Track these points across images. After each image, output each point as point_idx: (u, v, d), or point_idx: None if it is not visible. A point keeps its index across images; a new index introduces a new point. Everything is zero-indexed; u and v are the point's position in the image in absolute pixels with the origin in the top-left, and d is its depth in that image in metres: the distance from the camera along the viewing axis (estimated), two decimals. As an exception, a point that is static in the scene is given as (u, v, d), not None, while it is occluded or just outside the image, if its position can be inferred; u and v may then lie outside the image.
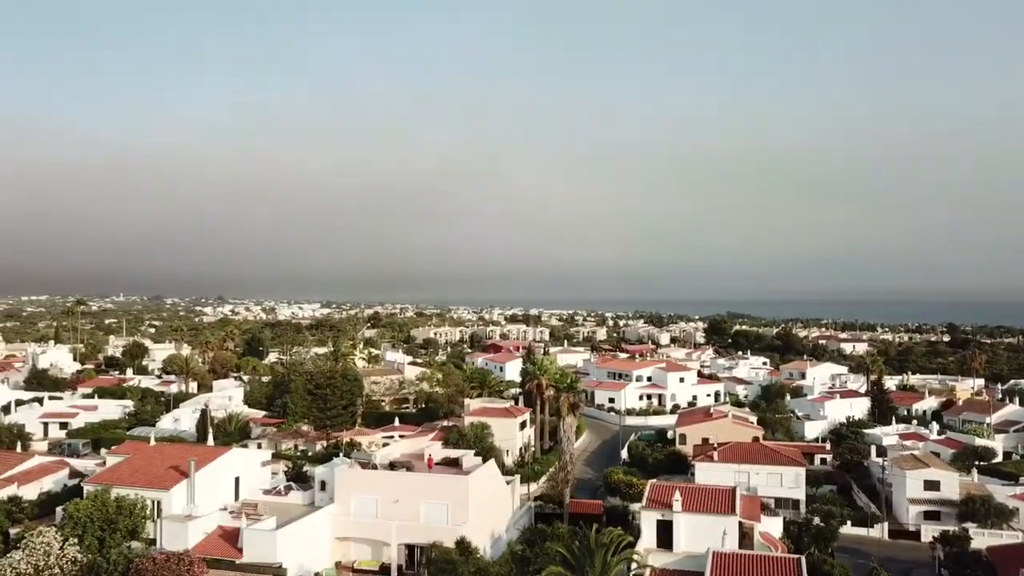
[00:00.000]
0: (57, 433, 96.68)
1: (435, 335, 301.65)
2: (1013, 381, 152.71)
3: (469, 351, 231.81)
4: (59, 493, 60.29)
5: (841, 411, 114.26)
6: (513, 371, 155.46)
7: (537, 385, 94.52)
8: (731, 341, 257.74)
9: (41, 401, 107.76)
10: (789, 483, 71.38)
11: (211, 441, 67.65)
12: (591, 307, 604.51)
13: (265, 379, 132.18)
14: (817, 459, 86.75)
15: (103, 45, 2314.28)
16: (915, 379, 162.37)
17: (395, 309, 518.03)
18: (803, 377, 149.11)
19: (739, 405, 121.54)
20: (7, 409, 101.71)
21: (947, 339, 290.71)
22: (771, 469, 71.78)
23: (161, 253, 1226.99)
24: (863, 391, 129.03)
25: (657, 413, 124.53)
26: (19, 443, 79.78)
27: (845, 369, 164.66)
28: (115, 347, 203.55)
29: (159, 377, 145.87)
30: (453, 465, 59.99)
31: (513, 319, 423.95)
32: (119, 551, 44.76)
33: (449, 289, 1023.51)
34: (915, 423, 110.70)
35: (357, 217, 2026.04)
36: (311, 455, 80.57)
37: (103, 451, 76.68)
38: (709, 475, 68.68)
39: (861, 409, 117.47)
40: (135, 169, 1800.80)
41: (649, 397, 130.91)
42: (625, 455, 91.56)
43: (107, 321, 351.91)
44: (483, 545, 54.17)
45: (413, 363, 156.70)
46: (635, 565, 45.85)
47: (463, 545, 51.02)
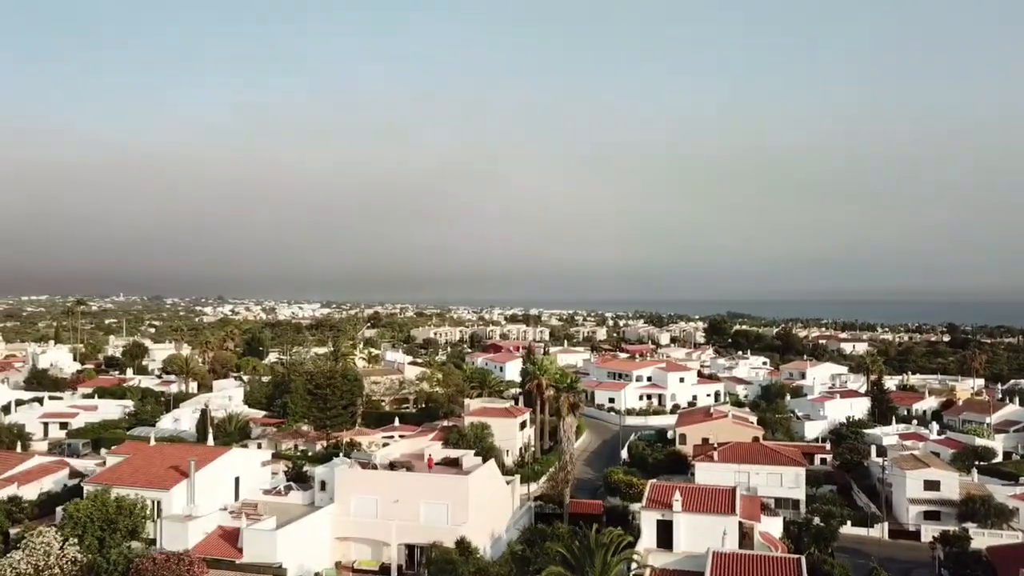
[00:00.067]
0: (57, 433, 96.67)
1: (435, 335, 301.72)
2: (1013, 381, 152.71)
3: (469, 351, 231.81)
4: (59, 493, 60.29)
5: (841, 411, 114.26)
6: (513, 371, 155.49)
7: (537, 385, 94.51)
8: (731, 341, 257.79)
9: (41, 401, 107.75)
10: (789, 483, 71.39)
11: (211, 441, 67.64)
12: (591, 307, 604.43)
13: (265, 379, 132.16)
14: (817, 459, 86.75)
15: (103, 45, 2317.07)
16: (915, 379, 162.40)
17: (395, 309, 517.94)
18: (803, 377, 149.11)
19: (739, 405, 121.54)
20: (7, 409, 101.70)
21: (947, 339, 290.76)
22: (771, 469, 71.78)
23: (161, 253, 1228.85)
24: (863, 391, 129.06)
25: (657, 413, 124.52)
26: (19, 443, 79.77)
27: (845, 369, 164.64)
28: (115, 347, 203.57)
29: (159, 377, 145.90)
30: (453, 465, 59.99)
31: (513, 319, 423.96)
32: (119, 551, 44.75)
33: (449, 289, 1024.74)
34: (915, 423, 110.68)
35: (357, 217, 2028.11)
36: (311, 455, 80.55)
37: (103, 451, 76.67)
38: (709, 475, 68.68)
39: (861, 409, 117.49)
40: (135, 169, 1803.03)
41: (649, 397, 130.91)
42: (625, 455, 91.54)
43: (107, 321, 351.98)
44: (483, 545, 54.16)
45: (413, 363, 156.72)
46: (635, 565, 45.84)
47: (463, 545, 51.02)
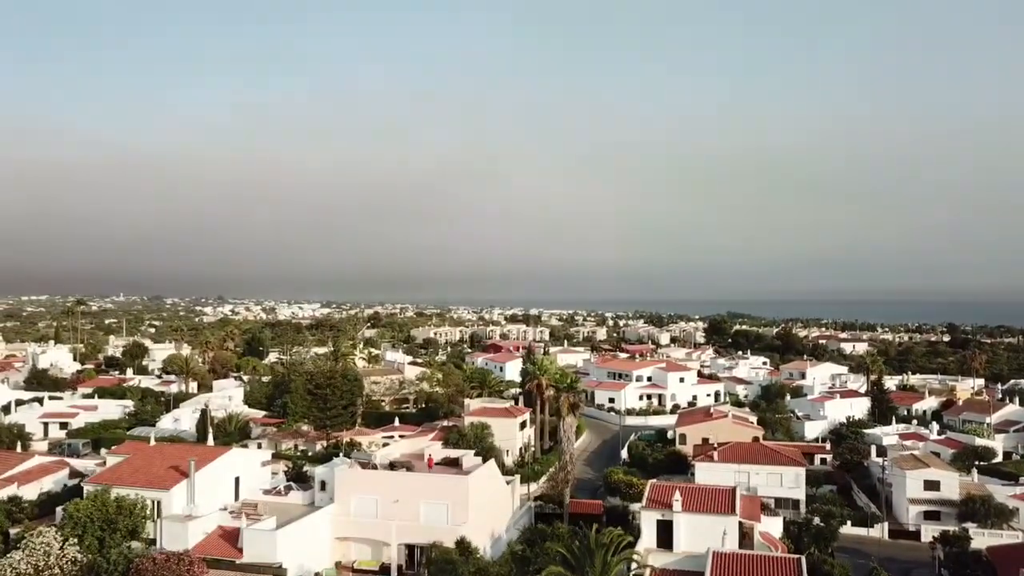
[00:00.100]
0: (57, 433, 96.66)
1: (435, 335, 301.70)
2: (1013, 381, 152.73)
3: (469, 351, 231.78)
4: (59, 493, 60.27)
5: (841, 411, 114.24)
6: (513, 371, 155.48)
7: (537, 385, 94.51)
8: (731, 341, 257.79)
9: (41, 401, 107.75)
10: (789, 483, 71.38)
11: (211, 441, 67.61)
12: (591, 307, 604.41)
13: (265, 379, 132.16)
14: (817, 459, 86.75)
15: (103, 45, 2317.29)
16: (915, 379, 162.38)
17: (395, 309, 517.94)
18: (803, 377, 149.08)
19: (739, 405, 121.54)
20: (7, 409, 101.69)
21: (947, 339, 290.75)
22: (771, 469, 71.77)
23: (161, 253, 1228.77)
24: (863, 391, 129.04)
25: (657, 413, 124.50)
26: (19, 443, 79.74)
27: (845, 369, 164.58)
28: (115, 347, 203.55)
29: (159, 377, 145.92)
30: (453, 465, 59.98)
31: (513, 319, 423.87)
32: (119, 551, 44.74)
33: (449, 289, 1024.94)
34: (915, 423, 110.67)
35: (357, 217, 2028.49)
36: (311, 455, 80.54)
37: (103, 451, 76.67)
38: (709, 475, 68.67)
39: (861, 409, 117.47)
40: (135, 169, 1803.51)
41: (649, 397, 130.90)
42: (625, 455, 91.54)
43: (107, 321, 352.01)
44: (483, 545, 54.16)
45: (413, 363, 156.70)
46: (635, 565, 45.84)
47: (463, 545, 51.02)
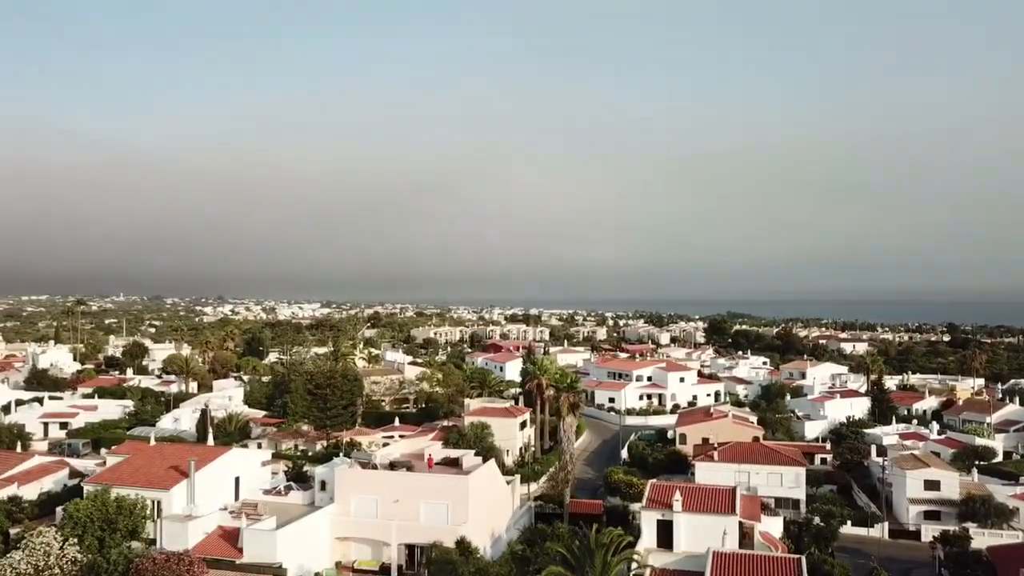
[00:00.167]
0: (57, 433, 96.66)
1: (435, 335, 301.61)
2: (1013, 381, 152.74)
3: (469, 351, 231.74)
4: (59, 493, 60.26)
5: (841, 411, 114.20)
6: (513, 371, 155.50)
7: (537, 385, 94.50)
8: (731, 341, 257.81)
9: (41, 401, 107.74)
10: (789, 483, 71.35)
11: (211, 441, 67.60)
12: (591, 307, 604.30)
13: (265, 379, 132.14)
14: (817, 459, 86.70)
15: (103, 45, 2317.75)
16: (915, 379, 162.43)
17: (395, 309, 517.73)
18: (803, 377, 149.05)
19: (739, 405, 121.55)
20: (7, 409, 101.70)
21: (947, 339, 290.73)
22: (771, 469, 71.73)
23: (161, 253, 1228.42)
24: (863, 391, 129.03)
25: (657, 413, 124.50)
26: (19, 443, 79.72)
27: (845, 369, 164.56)
28: (115, 347, 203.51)
29: (159, 377, 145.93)
30: (453, 465, 59.95)
31: (513, 319, 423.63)
32: (119, 551, 44.72)
33: (449, 289, 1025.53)
34: (915, 423, 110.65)
35: (357, 217, 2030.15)
36: (311, 455, 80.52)
37: (103, 451, 76.67)
38: (709, 475, 68.63)
39: (861, 409, 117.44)
40: (135, 169, 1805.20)
41: (649, 397, 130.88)
42: (625, 455, 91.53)
43: (107, 321, 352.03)
44: (483, 545, 54.16)
45: (413, 363, 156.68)
46: (635, 565, 45.82)
47: (463, 545, 51.01)
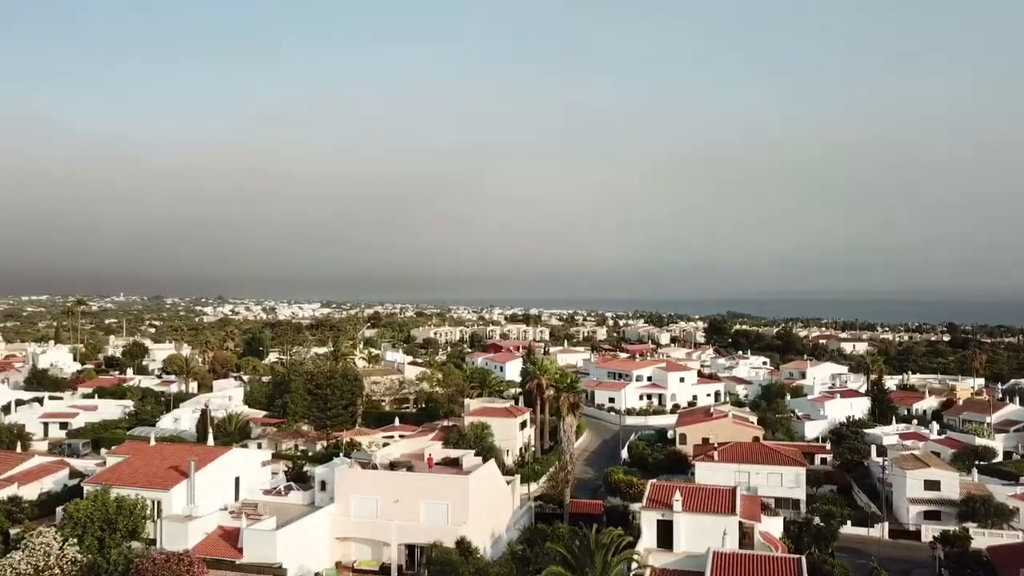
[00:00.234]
0: (57, 433, 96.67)
1: (435, 335, 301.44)
2: (1013, 381, 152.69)
3: (469, 351, 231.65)
4: (59, 493, 60.26)
5: (841, 411, 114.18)
6: (513, 371, 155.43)
7: (537, 385, 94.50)
8: (731, 341, 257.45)
9: (41, 401, 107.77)
10: (789, 483, 71.37)
11: (211, 441, 67.60)
12: (591, 307, 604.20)
13: (265, 379, 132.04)
14: (817, 459, 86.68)
15: (103, 45, 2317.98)
16: (915, 379, 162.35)
17: (395, 309, 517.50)
18: (803, 377, 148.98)
19: (739, 405, 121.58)
20: (7, 409, 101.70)
21: (947, 339, 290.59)
22: (771, 469, 71.75)
23: (161, 253, 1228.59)
24: (863, 391, 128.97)
25: (657, 413, 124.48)
26: (19, 443, 79.69)
27: (845, 369, 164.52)
28: (115, 347, 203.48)
29: (159, 377, 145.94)
30: (453, 465, 59.94)
31: (513, 319, 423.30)
32: (119, 551, 44.70)
33: (449, 289, 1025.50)
34: (915, 423, 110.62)
35: (357, 217, 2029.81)
36: (311, 455, 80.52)
37: (103, 451, 76.70)
38: (709, 475, 68.67)
39: (861, 409, 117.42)
40: (135, 169, 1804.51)
41: (649, 397, 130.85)
42: (625, 455, 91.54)
43: (107, 321, 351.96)
44: (483, 545, 54.16)
45: (413, 363, 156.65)
46: (635, 565, 45.82)
47: (463, 545, 51.01)
